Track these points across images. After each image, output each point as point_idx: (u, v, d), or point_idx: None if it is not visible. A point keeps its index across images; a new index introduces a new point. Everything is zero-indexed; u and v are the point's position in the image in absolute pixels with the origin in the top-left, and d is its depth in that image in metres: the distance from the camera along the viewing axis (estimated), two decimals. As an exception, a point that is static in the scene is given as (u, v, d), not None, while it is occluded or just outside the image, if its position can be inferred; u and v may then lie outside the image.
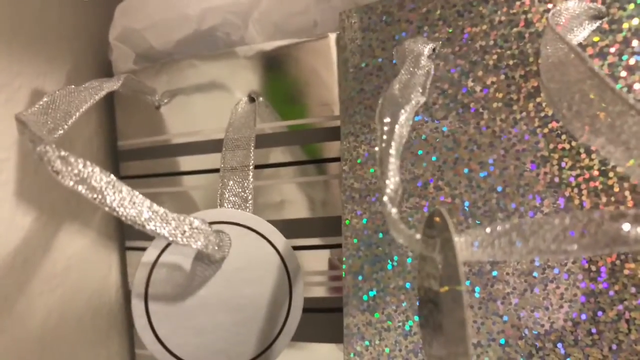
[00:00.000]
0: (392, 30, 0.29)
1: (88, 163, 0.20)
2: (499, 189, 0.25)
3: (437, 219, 0.16)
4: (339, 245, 0.33)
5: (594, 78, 0.17)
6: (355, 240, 0.29)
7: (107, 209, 0.20)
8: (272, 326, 0.24)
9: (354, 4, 0.31)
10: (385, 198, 0.17)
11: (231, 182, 0.27)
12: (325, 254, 0.33)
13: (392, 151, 0.18)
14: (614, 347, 0.22)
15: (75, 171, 0.19)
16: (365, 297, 0.29)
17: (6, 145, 0.33)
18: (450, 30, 0.27)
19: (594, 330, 0.23)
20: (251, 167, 0.28)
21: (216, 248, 0.22)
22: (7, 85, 0.33)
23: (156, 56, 0.37)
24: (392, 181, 0.18)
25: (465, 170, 0.26)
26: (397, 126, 0.19)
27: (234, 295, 0.23)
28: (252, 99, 0.33)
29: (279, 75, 0.35)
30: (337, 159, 0.33)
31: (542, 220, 0.16)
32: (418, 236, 0.17)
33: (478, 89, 0.26)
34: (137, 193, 0.20)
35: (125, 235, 0.40)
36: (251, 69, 0.35)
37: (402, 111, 0.19)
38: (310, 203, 0.34)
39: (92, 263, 0.39)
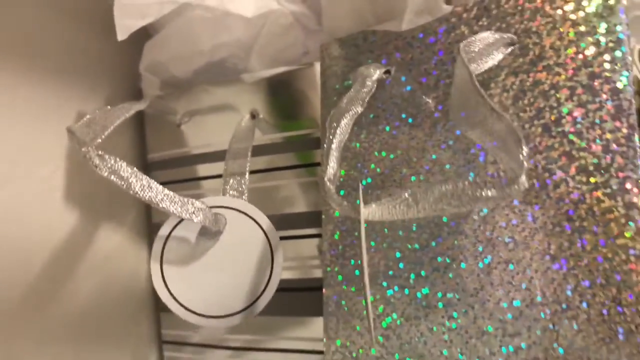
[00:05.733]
0: (360, 57, 0.36)
1: (118, 159, 0.28)
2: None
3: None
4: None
5: (476, 92, 0.24)
6: (331, 227, 0.36)
7: (131, 192, 0.27)
8: (257, 286, 0.31)
9: (332, 37, 0.38)
10: (325, 178, 0.24)
11: (232, 181, 0.35)
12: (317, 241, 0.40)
13: (334, 146, 0.25)
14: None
15: (109, 165, 0.27)
16: (340, 277, 0.35)
17: (57, 156, 0.41)
18: (401, 57, 0.35)
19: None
20: (247, 172, 0.36)
21: (213, 224, 0.29)
22: (59, 108, 0.41)
23: (177, 83, 0.45)
24: (332, 166, 0.25)
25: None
26: (339, 129, 0.26)
27: (228, 261, 0.31)
28: (253, 116, 0.41)
29: (276, 96, 0.42)
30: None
31: (426, 189, 0.23)
32: (345, 203, 0.24)
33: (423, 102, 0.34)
34: (154, 181, 0.28)
35: (154, 233, 0.48)
36: (254, 92, 0.43)
37: (344, 119, 0.26)
38: (304, 200, 0.41)
39: (126, 255, 0.46)
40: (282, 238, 0.41)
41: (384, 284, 0.34)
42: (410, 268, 0.33)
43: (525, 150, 0.21)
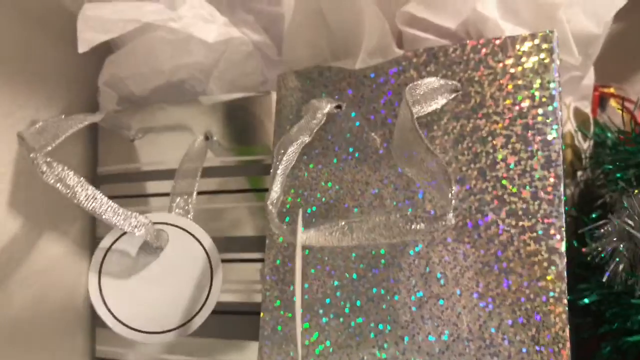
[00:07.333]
0: (314, 91, 0.38)
1: (66, 167, 0.28)
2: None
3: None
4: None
5: (414, 133, 0.26)
6: (273, 252, 0.37)
7: (76, 201, 0.28)
8: (194, 304, 0.31)
9: (289, 69, 0.40)
10: (268, 202, 0.25)
11: (178, 200, 0.35)
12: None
13: (279, 172, 0.26)
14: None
15: (56, 172, 0.27)
16: (278, 303, 0.36)
17: (5, 162, 0.40)
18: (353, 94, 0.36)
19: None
20: (195, 192, 0.36)
21: (155, 239, 0.30)
22: (12, 114, 0.41)
23: (135, 100, 0.46)
24: (275, 191, 0.26)
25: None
26: (285, 156, 0.27)
27: (166, 277, 0.31)
28: (207, 138, 0.42)
29: (232, 120, 0.43)
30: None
31: (361, 219, 0.24)
32: (285, 227, 0.25)
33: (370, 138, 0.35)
34: (99, 192, 0.28)
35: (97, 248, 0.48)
36: (210, 114, 0.43)
37: (291, 146, 0.27)
38: (251, 224, 0.42)
39: (66, 267, 0.46)
40: (227, 260, 0.41)
41: (320, 311, 0.35)
42: (346, 297, 0.34)
43: (454, 189, 0.23)
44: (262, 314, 0.36)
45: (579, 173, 0.42)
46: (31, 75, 0.43)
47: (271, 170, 0.27)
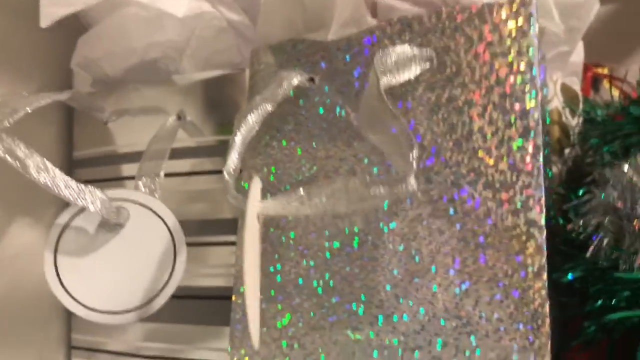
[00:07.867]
0: (287, 65, 0.36)
1: (17, 140, 0.27)
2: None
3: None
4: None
5: (380, 99, 0.24)
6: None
7: (26, 174, 0.26)
8: (155, 284, 0.30)
9: (264, 43, 0.38)
10: (224, 170, 0.24)
11: (144, 179, 0.34)
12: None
13: (238, 139, 0.25)
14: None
15: (5, 144, 0.26)
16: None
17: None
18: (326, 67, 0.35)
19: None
20: (162, 172, 0.35)
21: (114, 216, 0.28)
22: (-20, 96, 0.40)
23: (109, 81, 0.44)
24: (232, 159, 0.24)
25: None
26: (244, 124, 0.26)
27: (127, 256, 0.30)
28: (179, 118, 0.40)
29: (207, 99, 0.42)
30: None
31: (322, 187, 0.23)
32: (240, 196, 0.23)
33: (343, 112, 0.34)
34: (51, 164, 0.27)
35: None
36: (184, 93, 0.42)
37: (251, 114, 0.26)
38: (230, 206, 0.40)
39: (39, 254, 0.44)
40: (205, 244, 0.40)
41: (293, 292, 0.33)
42: (319, 277, 0.33)
43: (415, 152, 0.21)
44: (233, 297, 0.35)
45: (567, 150, 0.40)
46: (3, 58, 0.42)
47: (230, 138, 0.25)
